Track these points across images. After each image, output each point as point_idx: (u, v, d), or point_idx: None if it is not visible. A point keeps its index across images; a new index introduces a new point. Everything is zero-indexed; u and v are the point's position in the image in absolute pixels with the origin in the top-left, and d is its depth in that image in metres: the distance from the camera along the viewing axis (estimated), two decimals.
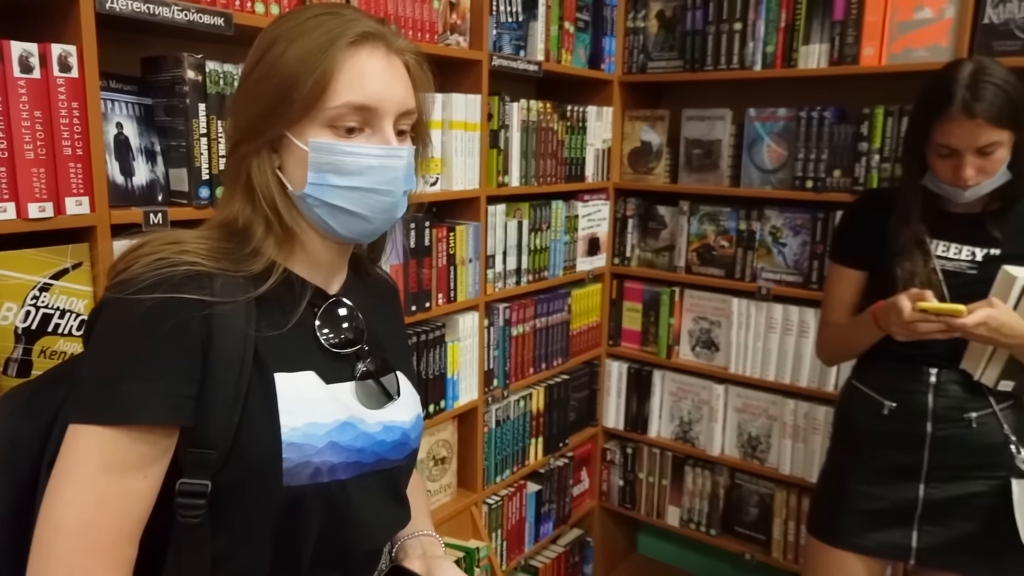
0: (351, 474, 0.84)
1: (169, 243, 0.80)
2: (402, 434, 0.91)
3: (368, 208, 0.84)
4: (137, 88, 1.33)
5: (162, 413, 0.74)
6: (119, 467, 0.73)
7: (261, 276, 0.82)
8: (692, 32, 2.31)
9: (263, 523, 0.80)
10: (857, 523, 1.58)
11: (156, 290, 0.75)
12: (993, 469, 1.49)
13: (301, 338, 0.86)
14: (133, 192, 1.30)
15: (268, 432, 0.78)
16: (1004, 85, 1.35)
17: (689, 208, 2.40)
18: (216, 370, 0.76)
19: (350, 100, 0.80)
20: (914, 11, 1.96)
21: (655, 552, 2.93)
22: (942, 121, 1.39)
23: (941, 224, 1.51)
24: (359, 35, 0.80)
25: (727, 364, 2.37)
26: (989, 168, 1.40)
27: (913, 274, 1.48)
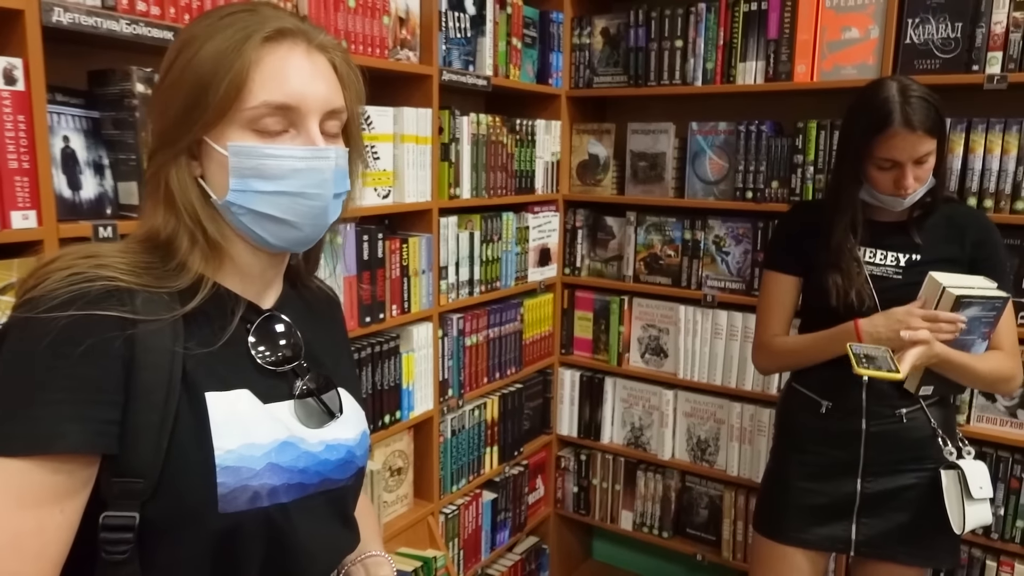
0: (293, 496, 0.79)
1: (84, 257, 0.74)
2: (347, 452, 0.87)
3: (296, 214, 0.79)
4: (84, 102, 1.32)
5: (81, 441, 0.68)
6: (33, 502, 0.67)
7: (188, 292, 0.77)
8: (635, 49, 2.38)
9: (198, 555, 0.74)
10: (799, 518, 1.65)
11: (70, 307, 0.69)
12: (923, 461, 1.57)
13: (234, 356, 0.81)
14: (81, 206, 1.29)
15: (200, 456, 0.73)
16: (929, 98, 1.45)
17: (636, 219, 2.47)
18: (140, 392, 0.71)
19: (268, 99, 0.75)
20: (842, 31, 2.07)
21: (609, 557, 2.97)
22: (884, 136, 1.46)
23: (869, 232, 1.59)
24: (275, 31, 0.76)
25: (676, 370, 2.44)
26: (923, 176, 1.49)
27: (846, 291, 1.55)
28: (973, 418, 2.01)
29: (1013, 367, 1.54)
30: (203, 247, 0.78)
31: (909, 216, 1.58)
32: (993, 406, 1.99)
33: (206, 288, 0.78)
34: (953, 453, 1.57)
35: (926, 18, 1.94)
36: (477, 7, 2.10)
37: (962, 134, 1.92)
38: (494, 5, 2.15)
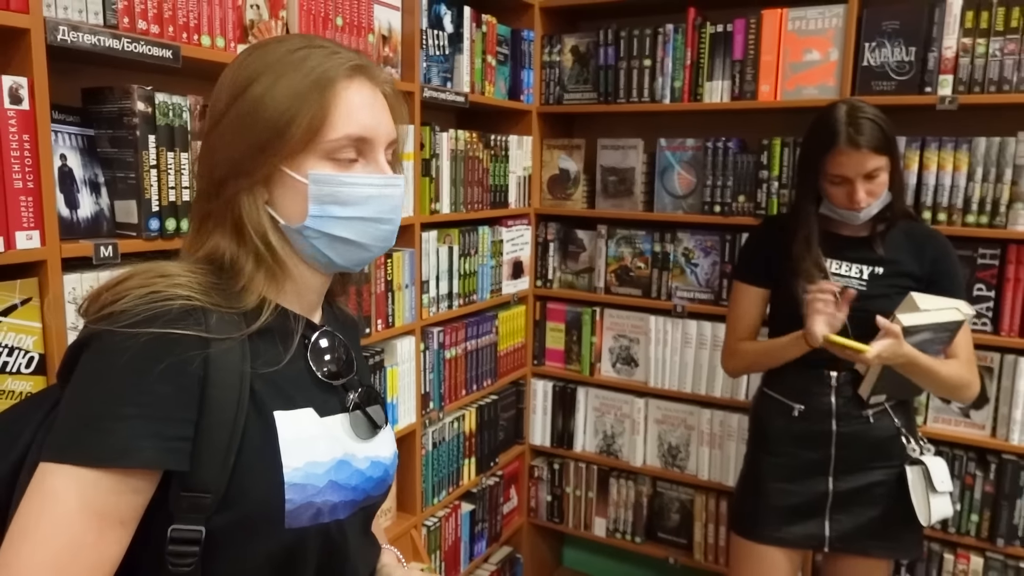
0: (348, 512, 0.84)
1: (160, 276, 0.76)
2: (384, 470, 0.91)
3: (369, 237, 0.84)
4: (79, 119, 1.31)
5: (154, 457, 0.70)
6: (99, 512, 0.68)
7: (252, 313, 0.80)
8: (605, 67, 2.45)
9: (260, 567, 0.77)
10: (775, 518, 1.73)
11: (152, 324, 0.71)
12: (890, 459, 1.67)
13: (295, 372, 0.84)
14: (78, 225, 1.28)
15: (270, 473, 0.76)
16: (876, 119, 1.56)
17: (607, 232, 2.54)
18: (212, 410, 0.73)
19: (349, 132, 0.80)
20: (803, 53, 2.18)
21: (580, 564, 3.02)
22: (832, 155, 1.58)
23: (833, 245, 1.69)
24: (351, 68, 0.81)
25: (646, 378, 2.51)
26: (876, 191, 1.60)
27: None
28: (930, 419, 2.13)
29: (970, 375, 1.65)
30: (267, 269, 0.81)
31: (872, 230, 1.68)
32: (948, 407, 2.11)
33: (269, 308, 0.81)
34: (916, 450, 1.67)
35: (882, 42, 2.06)
36: (455, 25, 2.13)
37: (917, 152, 2.05)
38: (470, 23, 2.19)
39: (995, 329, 2.03)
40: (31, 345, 1.17)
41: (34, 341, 1.17)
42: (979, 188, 2.00)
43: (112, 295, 0.75)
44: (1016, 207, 1.96)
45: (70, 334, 1.21)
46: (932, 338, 1.58)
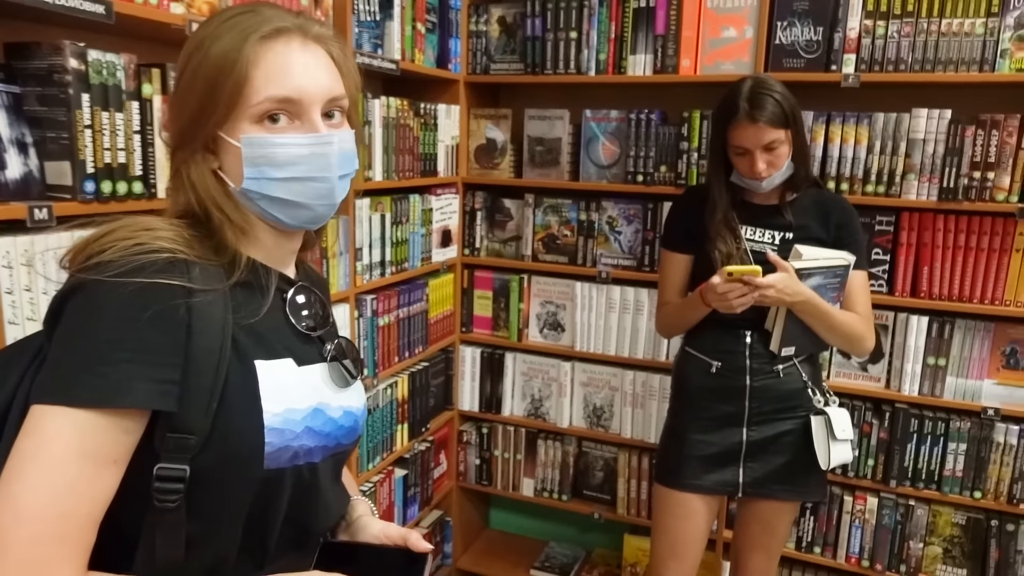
0: (320, 457, 0.88)
1: (144, 229, 0.80)
2: (354, 420, 0.95)
3: (306, 196, 0.86)
4: (4, 75, 1.25)
5: (146, 398, 0.73)
6: (93, 452, 0.72)
7: (229, 266, 0.84)
8: (532, 38, 2.49)
9: (239, 505, 0.82)
10: (695, 467, 1.85)
11: (139, 274, 0.75)
12: (796, 410, 1.82)
13: (275, 324, 0.88)
14: (7, 186, 1.22)
15: (251, 417, 0.80)
16: (776, 95, 1.68)
17: (534, 201, 2.59)
18: (197, 357, 0.77)
19: (271, 94, 0.81)
20: (721, 30, 2.28)
21: (506, 525, 3.12)
22: (733, 127, 1.71)
23: (748, 213, 1.82)
24: (273, 29, 0.82)
25: (573, 343, 2.60)
26: (776, 162, 1.72)
27: (728, 255, 1.77)
28: (832, 373, 2.32)
29: (866, 329, 1.81)
30: (232, 227, 0.85)
31: (781, 199, 1.81)
32: (848, 362, 2.30)
33: (242, 263, 0.85)
34: (821, 401, 1.83)
35: (793, 22, 2.19)
36: None
37: (823, 126, 2.20)
38: None
39: (890, 290, 2.22)
40: None
41: None
42: (877, 160, 2.17)
43: (98, 246, 0.77)
44: (909, 178, 2.14)
45: (5, 299, 1.16)
46: (824, 283, 1.73)
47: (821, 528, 2.38)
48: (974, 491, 2.21)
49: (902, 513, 2.29)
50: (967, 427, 2.19)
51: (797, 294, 1.68)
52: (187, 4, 1.45)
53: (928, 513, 2.27)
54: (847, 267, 1.76)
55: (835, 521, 2.36)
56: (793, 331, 1.77)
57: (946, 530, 2.27)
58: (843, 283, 1.77)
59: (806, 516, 2.38)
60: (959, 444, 2.20)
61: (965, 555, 2.26)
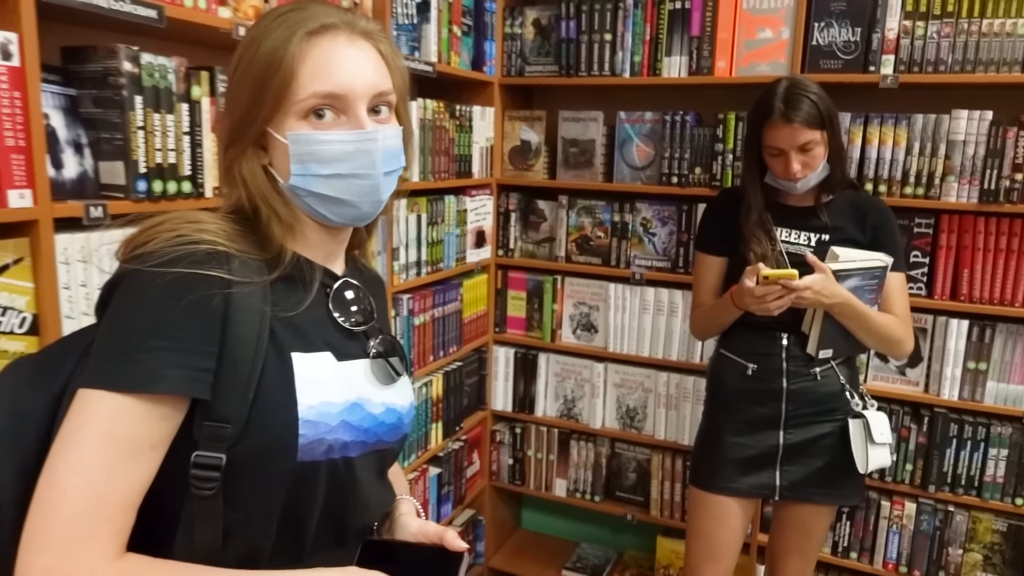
0: (358, 452, 0.88)
1: (188, 222, 0.82)
2: (398, 418, 0.95)
3: (351, 193, 0.86)
4: (61, 78, 1.29)
5: (179, 385, 0.75)
6: (130, 435, 0.74)
7: (273, 260, 0.85)
8: (566, 40, 2.51)
9: (274, 496, 0.82)
10: (731, 470, 1.85)
11: (177, 264, 0.76)
12: (834, 413, 1.80)
13: (316, 318, 0.89)
14: (64, 185, 1.27)
15: (286, 409, 0.81)
16: (812, 96, 1.67)
17: (567, 202, 2.61)
18: (233, 346, 0.78)
19: (316, 90, 0.82)
20: (757, 31, 2.28)
21: (538, 525, 3.13)
22: (768, 128, 1.71)
23: (783, 214, 1.81)
24: (319, 26, 0.83)
25: (606, 344, 2.60)
26: (811, 163, 1.71)
27: (763, 256, 1.76)
28: (870, 376, 2.29)
29: (904, 331, 1.79)
30: (280, 222, 0.87)
31: (817, 201, 1.80)
32: (886, 366, 2.28)
33: (287, 257, 0.86)
34: (859, 404, 1.81)
35: (830, 23, 2.17)
36: None
37: (861, 127, 2.18)
38: None
39: (929, 293, 2.20)
40: (24, 305, 1.17)
41: (27, 301, 1.17)
42: (916, 162, 2.15)
43: (143, 238, 0.80)
44: (949, 180, 2.12)
45: (63, 294, 1.21)
46: (862, 285, 1.71)
47: (858, 533, 2.35)
48: (1016, 498, 2.17)
49: (941, 519, 2.25)
50: (1008, 432, 2.15)
51: (835, 296, 1.66)
52: (234, 8, 1.49)
53: (968, 519, 2.23)
54: (885, 268, 1.74)
55: (872, 526, 2.33)
56: (831, 333, 1.75)
57: (986, 537, 2.23)
58: (881, 285, 1.76)
59: (843, 521, 2.36)
60: (1000, 450, 2.16)
61: (1006, 562, 2.22)
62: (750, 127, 1.79)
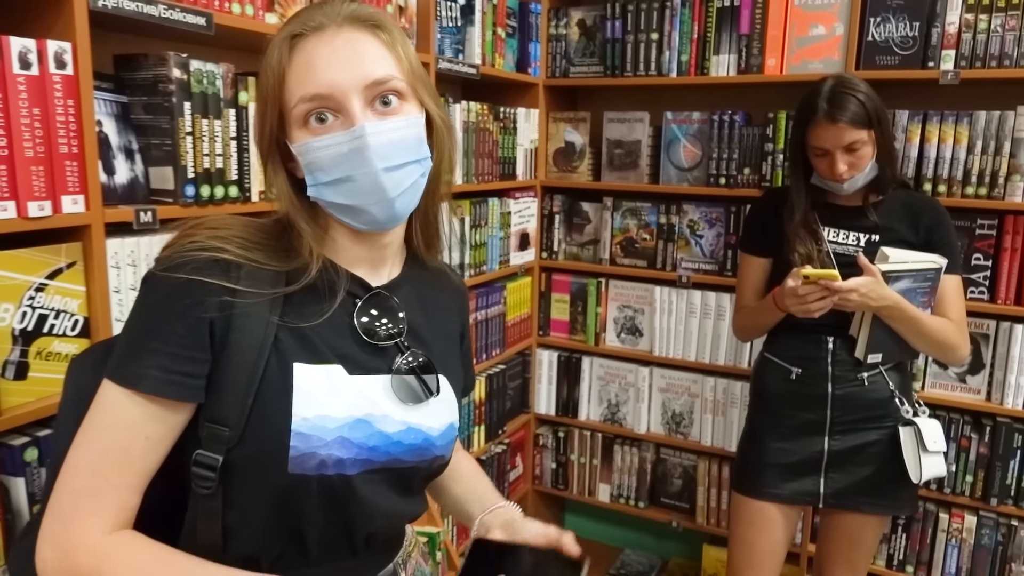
0: (358, 470, 0.84)
1: (209, 228, 0.82)
2: (424, 439, 0.89)
3: (355, 197, 0.82)
4: (112, 86, 1.32)
5: (157, 386, 0.76)
6: (123, 424, 0.77)
7: (298, 271, 0.82)
8: (612, 40, 2.48)
9: (268, 504, 0.82)
10: (774, 476, 1.80)
11: (180, 270, 0.77)
12: (883, 420, 1.74)
13: (336, 328, 0.85)
14: (115, 190, 1.30)
15: (280, 419, 0.80)
16: (859, 94, 1.62)
17: (612, 204, 2.57)
18: (233, 352, 0.78)
19: (302, 94, 0.79)
20: (809, 28, 2.21)
21: (581, 530, 3.09)
22: (812, 127, 1.66)
23: (830, 214, 1.75)
24: (302, 29, 0.80)
25: (651, 348, 2.56)
26: (858, 164, 1.66)
27: (808, 257, 1.71)
28: (927, 384, 2.21)
29: (959, 336, 1.72)
30: (306, 235, 0.84)
31: (865, 200, 1.74)
32: (945, 373, 2.19)
33: (314, 270, 0.83)
34: (910, 411, 1.74)
35: (887, 17, 2.10)
36: None
37: (918, 125, 2.10)
38: None
39: (991, 297, 2.10)
40: (76, 308, 1.19)
41: (79, 304, 1.20)
42: (978, 161, 2.06)
43: (169, 242, 0.82)
44: (1014, 179, 2.02)
45: (113, 297, 1.23)
46: (913, 287, 1.65)
47: (914, 546, 2.27)
48: None
49: (1003, 533, 2.16)
50: None
51: (883, 298, 1.60)
52: (281, 14, 1.51)
53: None
54: (938, 270, 1.67)
55: (929, 539, 2.24)
56: (880, 337, 1.69)
57: None
58: (934, 287, 1.68)
59: (897, 532, 2.28)
60: None
61: None
62: (795, 127, 1.75)
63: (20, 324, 1.12)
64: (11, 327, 1.11)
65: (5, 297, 1.10)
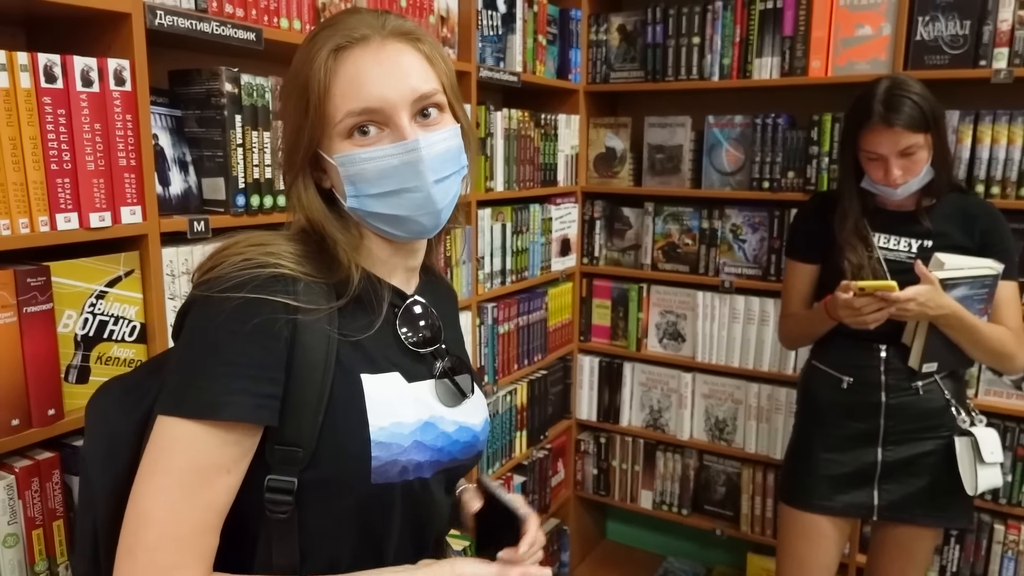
0: (432, 472, 0.86)
1: (255, 245, 0.81)
2: (472, 436, 0.92)
3: (404, 208, 0.83)
4: (167, 100, 1.37)
5: (243, 412, 0.74)
6: (204, 461, 0.74)
7: (343, 282, 0.83)
8: (653, 45, 2.47)
9: (349, 518, 0.82)
10: (825, 487, 1.76)
11: (242, 289, 0.76)
12: (938, 430, 1.69)
13: (383, 338, 0.87)
14: (170, 201, 1.34)
15: (358, 432, 0.80)
16: (915, 96, 1.57)
17: (654, 209, 2.56)
18: (301, 371, 0.77)
19: (350, 108, 0.79)
20: (855, 28, 2.18)
21: (623, 537, 3.08)
22: (866, 131, 1.61)
23: (881, 219, 1.71)
24: (346, 41, 0.80)
25: (693, 353, 2.54)
26: (913, 168, 1.61)
27: (860, 265, 1.67)
28: (981, 391, 2.15)
29: (1016, 345, 1.66)
30: (342, 247, 0.84)
31: (918, 205, 1.70)
32: (1000, 380, 2.13)
33: (357, 278, 0.84)
34: (966, 421, 1.69)
35: (936, 16, 2.06)
36: (508, 5, 2.17)
37: (970, 125, 2.05)
38: (523, 3, 2.22)
39: None
40: (134, 315, 1.24)
41: (136, 311, 1.24)
42: None
43: (212, 262, 0.80)
44: None
45: (168, 304, 1.27)
46: (970, 295, 1.60)
47: (968, 558, 2.20)
48: None
49: None
50: None
51: (941, 307, 1.56)
52: None
53: None
54: (995, 276, 1.63)
55: (984, 551, 2.18)
56: (936, 346, 1.65)
57: None
58: (991, 294, 1.64)
59: (951, 544, 2.21)
60: None
61: None
62: (846, 130, 1.71)
63: (82, 330, 1.17)
64: (74, 333, 1.16)
65: (68, 304, 1.15)
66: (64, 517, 1.15)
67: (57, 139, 1.09)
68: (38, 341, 1.09)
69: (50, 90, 1.08)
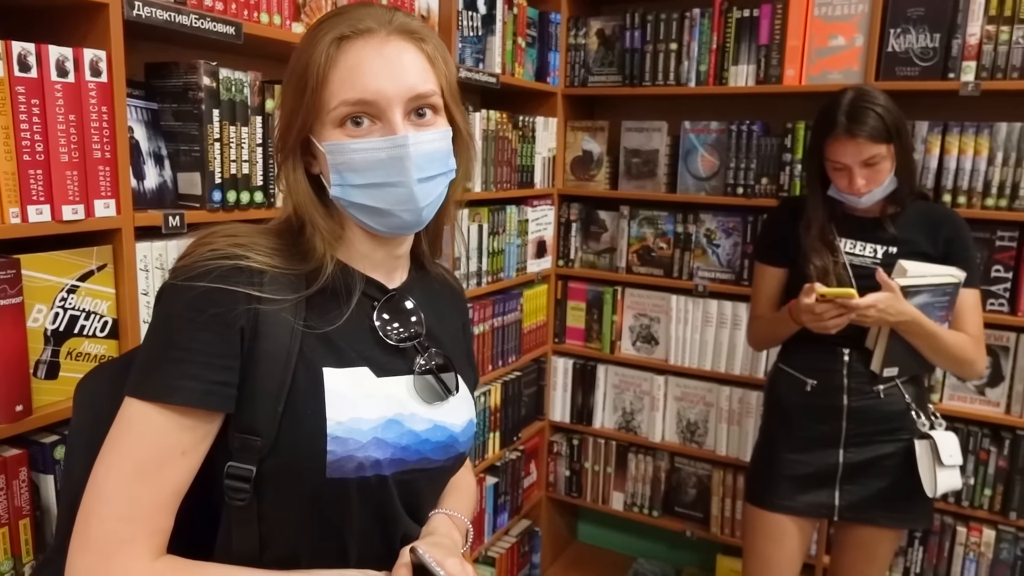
0: (393, 470, 0.85)
1: (226, 236, 0.82)
2: (449, 437, 0.91)
3: (386, 202, 0.83)
4: (143, 93, 1.35)
5: (193, 397, 0.75)
6: (160, 442, 0.75)
7: (315, 272, 0.84)
8: (631, 50, 2.49)
9: (305, 510, 0.82)
10: (788, 488, 1.79)
11: (204, 279, 0.77)
12: (898, 433, 1.73)
13: (357, 332, 0.86)
14: (144, 195, 1.32)
15: (314, 424, 0.80)
16: (878, 108, 1.60)
17: (629, 212, 2.58)
18: (260, 360, 0.78)
19: (345, 98, 0.80)
20: (829, 39, 2.22)
21: (594, 539, 3.09)
22: (831, 141, 1.65)
23: (848, 225, 1.75)
24: (351, 31, 0.81)
25: (666, 356, 2.57)
26: (877, 177, 1.64)
27: (824, 270, 1.70)
28: (946, 396, 2.20)
29: (976, 351, 1.71)
30: (322, 234, 0.85)
31: (883, 212, 1.73)
32: (964, 385, 2.18)
33: (329, 269, 0.84)
34: (926, 425, 1.73)
35: (907, 28, 2.10)
36: (488, 6, 2.17)
37: (939, 136, 2.10)
38: (503, 5, 2.23)
39: (1012, 309, 2.09)
40: (105, 310, 1.22)
41: (108, 306, 1.22)
42: (999, 172, 2.05)
43: (186, 252, 0.82)
44: None
45: (141, 300, 1.25)
46: (932, 302, 1.64)
47: (931, 559, 2.25)
48: None
49: (1023, 548, 2.14)
50: None
51: (901, 314, 1.60)
52: (307, 24, 1.53)
53: None
54: (957, 284, 1.66)
55: (947, 553, 2.23)
56: (897, 351, 1.68)
57: None
58: (952, 302, 1.68)
59: (915, 546, 2.26)
60: None
61: None
62: (812, 139, 1.74)
63: (52, 325, 1.15)
64: (44, 327, 1.14)
65: (39, 298, 1.12)
66: (31, 516, 1.13)
67: (30, 129, 1.07)
68: (7, 335, 1.07)
69: (24, 79, 1.06)
